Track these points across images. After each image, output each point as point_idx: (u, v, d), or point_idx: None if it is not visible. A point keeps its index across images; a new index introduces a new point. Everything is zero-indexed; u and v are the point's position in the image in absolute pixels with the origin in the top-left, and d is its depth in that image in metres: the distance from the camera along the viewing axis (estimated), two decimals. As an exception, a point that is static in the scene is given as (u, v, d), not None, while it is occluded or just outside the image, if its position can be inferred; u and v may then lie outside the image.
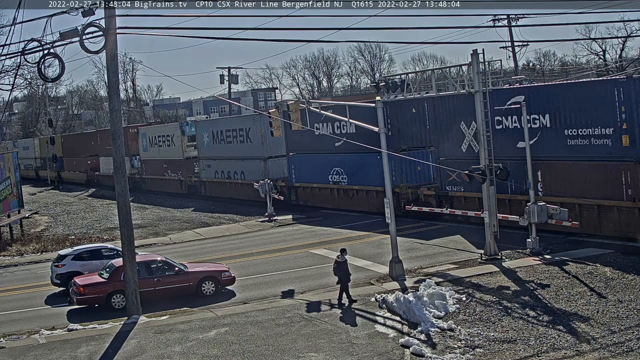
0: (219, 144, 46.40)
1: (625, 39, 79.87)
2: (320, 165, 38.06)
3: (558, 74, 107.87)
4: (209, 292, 22.64)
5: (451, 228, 29.74)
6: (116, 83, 20.60)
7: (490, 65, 25.34)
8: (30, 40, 19.20)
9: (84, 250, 25.94)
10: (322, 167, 37.92)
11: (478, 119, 23.98)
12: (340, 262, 20.42)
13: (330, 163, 37.40)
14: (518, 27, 52.93)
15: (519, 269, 22.13)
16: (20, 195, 42.02)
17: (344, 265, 20.37)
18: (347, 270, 20.40)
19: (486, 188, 23.86)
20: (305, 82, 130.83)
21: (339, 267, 20.36)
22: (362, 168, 34.82)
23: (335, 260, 20.68)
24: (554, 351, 15.97)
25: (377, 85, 27.57)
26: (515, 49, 55.36)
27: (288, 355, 16.34)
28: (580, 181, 25.35)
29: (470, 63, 23.74)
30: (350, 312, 19.50)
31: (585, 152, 25.19)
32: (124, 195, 20.51)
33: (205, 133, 48.14)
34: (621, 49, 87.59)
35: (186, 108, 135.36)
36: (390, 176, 23.86)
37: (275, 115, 28.88)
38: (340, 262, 20.40)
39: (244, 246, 31.47)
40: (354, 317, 18.98)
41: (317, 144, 37.74)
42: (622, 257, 22.34)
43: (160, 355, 16.75)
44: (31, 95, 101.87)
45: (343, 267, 20.32)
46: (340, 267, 20.33)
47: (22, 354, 17.40)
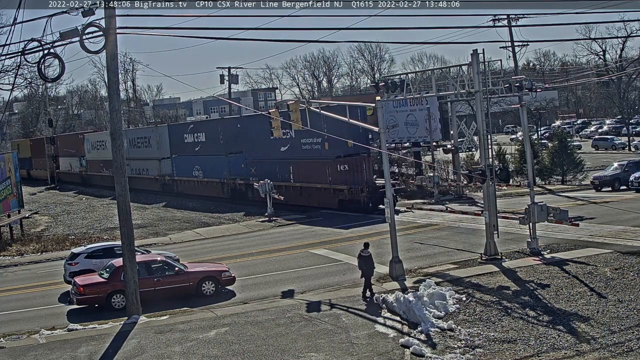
0: (132, 148, 58.65)
1: (625, 39, 79.99)
2: (189, 164, 51.37)
3: (558, 74, 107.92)
4: (209, 292, 22.63)
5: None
6: (116, 83, 20.58)
7: (490, 65, 25.37)
8: (30, 40, 19.17)
9: (98, 248, 25.92)
10: (189, 165, 51.44)
11: (478, 119, 24.00)
12: (364, 256, 20.85)
13: (194, 162, 50.89)
14: (518, 27, 52.92)
15: (519, 269, 22.14)
16: (20, 195, 42.00)
17: (368, 259, 20.80)
18: (372, 264, 20.89)
19: (486, 187, 23.86)
20: (305, 82, 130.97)
21: (363, 261, 20.79)
22: (211, 166, 48.42)
23: (359, 254, 21.10)
24: (554, 351, 15.98)
25: (377, 85, 27.60)
26: (515, 49, 55.32)
27: (288, 355, 16.34)
28: (309, 172, 39.56)
29: (470, 63, 23.74)
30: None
31: (312, 154, 39.31)
32: (124, 195, 20.44)
33: (126, 139, 56.18)
34: (621, 49, 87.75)
35: (186, 108, 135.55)
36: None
37: (275, 115, 28.94)
38: (365, 256, 20.83)
39: (244, 246, 31.47)
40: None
41: (187, 148, 51.62)
42: (622, 257, 22.35)
43: (160, 355, 16.74)
44: (31, 95, 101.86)
45: (367, 261, 20.76)
46: (364, 261, 20.77)
47: (22, 354, 17.39)
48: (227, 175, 46.56)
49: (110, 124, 21.41)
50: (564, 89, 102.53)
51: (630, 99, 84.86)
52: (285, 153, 41.05)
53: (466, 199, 41.52)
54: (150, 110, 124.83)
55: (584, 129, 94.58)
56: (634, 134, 78.05)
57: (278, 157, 41.53)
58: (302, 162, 39.89)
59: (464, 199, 41.51)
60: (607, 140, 77.14)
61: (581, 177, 48.26)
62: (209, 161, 48.34)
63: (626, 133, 76.74)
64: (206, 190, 48.94)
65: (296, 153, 40.34)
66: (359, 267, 21.05)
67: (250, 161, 44.31)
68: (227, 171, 46.66)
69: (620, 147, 73.79)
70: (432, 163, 46.63)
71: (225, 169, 46.73)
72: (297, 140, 39.46)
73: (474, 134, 36.16)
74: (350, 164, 37.55)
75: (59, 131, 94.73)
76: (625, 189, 40.04)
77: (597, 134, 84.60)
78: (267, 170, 41.54)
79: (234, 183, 46.17)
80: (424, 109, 43.04)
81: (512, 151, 51.55)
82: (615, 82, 77.36)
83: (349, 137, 34.05)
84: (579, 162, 48.55)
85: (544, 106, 70.64)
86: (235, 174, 46.00)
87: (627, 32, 77.48)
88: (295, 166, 40.64)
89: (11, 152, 48.14)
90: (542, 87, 40.55)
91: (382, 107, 23.96)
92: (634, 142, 72.45)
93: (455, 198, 41.97)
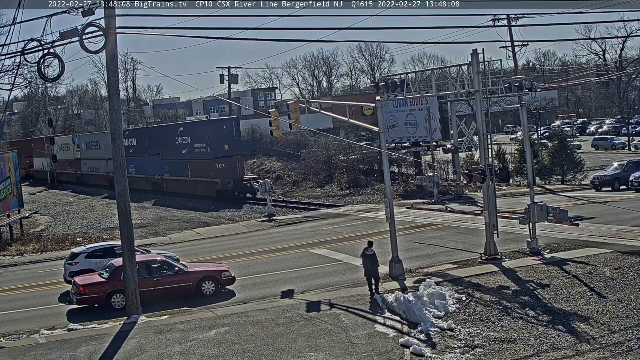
0: (88, 150, 71.08)
1: (625, 39, 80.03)
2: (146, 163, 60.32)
3: (558, 74, 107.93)
4: (209, 292, 22.63)
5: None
6: (116, 83, 20.57)
7: (490, 65, 25.39)
8: (30, 40, 19.15)
9: (98, 248, 25.89)
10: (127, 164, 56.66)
11: (478, 119, 23.98)
12: (369, 254, 20.89)
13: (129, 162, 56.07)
14: (518, 27, 53.08)
15: (519, 269, 22.13)
16: (20, 195, 41.99)
17: (373, 257, 20.88)
18: (377, 262, 20.95)
19: (486, 187, 23.86)
20: (305, 82, 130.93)
21: (368, 260, 20.85)
22: (140, 164, 59.96)
23: (364, 252, 21.13)
24: (554, 351, 15.98)
25: (377, 85, 27.61)
26: (515, 49, 55.48)
27: (288, 355, 16.33)
28: (199, 169, 52.11)
29: (470, 63, 23.74)
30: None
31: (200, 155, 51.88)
32: (124, 195, 20.43)
33: (84, 143, 72.48)
34: (621, 49, 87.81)
35: (186, 108, 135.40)
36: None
37: (275, 115, 28.95)
38: (369, 255, 20.88)
39: (244, 246, 31.47)
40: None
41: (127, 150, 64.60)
42: (622, 257, 22.35)
43: (160, 355, 16.74)
44: (31, 95, 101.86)
45: (372, 260, 20.85)
46: (369, 259, 20.84)
47: (22, 354, 17.39)
48: (150, 172, 58.99)
49: (110, 124, 21.40)
50: (564, 89, 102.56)
51: (630, 99, 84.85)
52: (185, 155, 53.69)
53: (466, 199, 41.52)
54: (150, 110, 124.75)
55: (587, 129, 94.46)
56: (634, 134, 78.04)
57: (181, 158, 54.02)
58: (195, 162, 52.51)
59: (464, 199, 41.50)
60: (607, 140, 77.13)
61: (581, 177, 48.27)
62: (139, 161, 60.02)
63: (626, 133, 76.75)
64: (137, 184, 58.11)
65: (191, 155, 52.86)
66: (364, 266, 21.06)
67: (164, 161, 56.53)
68: (150, 169, 58.85)
69: (620, 147, 73.79)
70: (432, 163, 46.64)
71: (149, 167, 58.91)
72: (192, 145, 52.74)
73: (474, 134, 36.12)
74: (227, 163, 49.52)
75: (58, 131, 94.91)
76: (625, 189, 40.03)
77: (597, 134, 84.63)
78: (175, 168, 55.04)
79: (154, 178, 58.67)
80: (424, 109, 43.03)
81: (512, 151, 51.55)
82: (615, 82, 77.37)
83: (225, 143, 49.28)
84: (579, 162, 48.57)
85: (544, 106, 70.65)
86: (155, 171, 58.25)
87: (627, 32, 77.63)
88: (191, 165, 53.08)
89: (11, 152, 48.05)
90: (542, 87, 40.62)
91: (382, 107, 23.94)
92: (634, 142, 72.45)
93: (455, 198, 41.97)
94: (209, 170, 50.29)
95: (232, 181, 48.83)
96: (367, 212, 38.95)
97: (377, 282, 20.83)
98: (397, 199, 42.42)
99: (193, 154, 52.44)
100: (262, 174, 61.78)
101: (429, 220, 33.45)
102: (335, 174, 55.70)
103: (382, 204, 32.26)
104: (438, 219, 33.48)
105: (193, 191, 52.97)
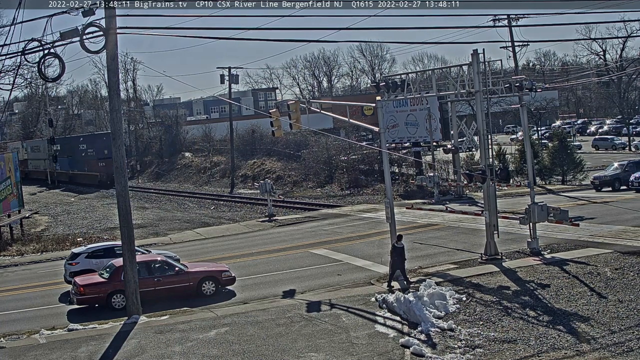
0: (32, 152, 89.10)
1: (625, 39, 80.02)
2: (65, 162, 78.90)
3: (558, 74, 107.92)
4: (209, 292, 22.63)
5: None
6: (116, 83, 20.56)
7: (490, 65, 25.38)
8: (30, 40, 19.13)
9: (98, 248, 25.87)
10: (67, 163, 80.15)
11: (478, 119, 23.98)
12: (398, 247, 21.42)
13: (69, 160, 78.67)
14: (518, 27, 52.88)
15: (519, 269, 22.13)
16: (20, 195, 42.00)
17: (401, 250, 21.41)
18: (403, 255, 21.45)
19: (486, 187, 23.86)
20: (305, 82, 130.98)
21: (396, 252, 21.37)
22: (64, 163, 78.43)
23: (393, 245, 21.65)
24: (554, 351, 15.97)
25: (377, 85, 27.61)
26: (516, 49, 55.28)
27: (288, 355, 16.33)
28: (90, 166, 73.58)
29: (470, 63, 23.74)
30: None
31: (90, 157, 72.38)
32: (124, 195, 20.42)
33: (29, 147, 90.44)
34: (621, 49, 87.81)
35: (186, 108, 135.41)
36: (385, 177, 23.87)
37: (276, 115, 28.94)
38: (398, 248, 21.41)
39: (244, 246, 31.48)
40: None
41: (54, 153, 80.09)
42: (622, 257, 22.34)
43: (161, 355, 16.74)
44: (31, 95, 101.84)
45: (401, 252, 21.39)
46: (397, 252, 21.38)
47: (22, 354, 17.38)
48: (67, 168, 78.69)
49: (110, 124, 21.38)
50: (564, 89, 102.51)
51: (631, 99, 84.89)
52: (83, 157, 74.19)
53: (466, 199, 41.53)
54: (150, 110, 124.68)
55: (587, 129, 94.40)
56: (634, 133, 78.06)
57: (81, 159, 74.48)
58: (88, 160, 73.18)
59: (464, 199, 41.51)
60: (608, 140, 77.13)
61: (581, 177, 48.28)
62: (61, 160, 79.16)
63: (626, 133, 76.75)
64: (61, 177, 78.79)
65: (86, 156, 73.51)
66: (391, 257, 21.62)
67: (72, 161, 77.03)
68: (67, 166, 78.42)
69: (621, 147, 73.80)
70: (432, 163, 46.65)
71: (66, 165, 78.39)
72: (87, 150, 73.32)
73: (474, 134, 36.13)
74: (105, 162, 66.43)
75: (59, 131, 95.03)
76: (626, 189, 40.04)
77: (597, 134, 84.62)
78: (79, 166, 75.29)
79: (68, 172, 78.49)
80: (424, 109, 43.06)
81: (512, 151, 51.57)
82: (615, 82, 77.39)
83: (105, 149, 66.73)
84: (579, 162, 48.57)
85: (544, 106, 70.65)
86: (69, 167, 78.30)
87: (627, 32, 77.60)
88: (86, 163, 73.48)
89: (11, 152, 48.08)
90: (542, 87, 40.53)
91: (382, 107, 23.95)
92: (634, 142, 72.46)
93: (455, 198, 41.98)
94: (95, 167, 72.15)
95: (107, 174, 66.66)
96: (367, 212, 38.97)
97: (404, 274, 21.51)
98: (397, 199, 42.43)
99: (87, 155, 74.11)
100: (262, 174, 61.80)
101: (429, 220, 33.46)
102: (335, 174, 55.75)
103: (382, 204, 32.27)
104: (438, 219, 33.48)
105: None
